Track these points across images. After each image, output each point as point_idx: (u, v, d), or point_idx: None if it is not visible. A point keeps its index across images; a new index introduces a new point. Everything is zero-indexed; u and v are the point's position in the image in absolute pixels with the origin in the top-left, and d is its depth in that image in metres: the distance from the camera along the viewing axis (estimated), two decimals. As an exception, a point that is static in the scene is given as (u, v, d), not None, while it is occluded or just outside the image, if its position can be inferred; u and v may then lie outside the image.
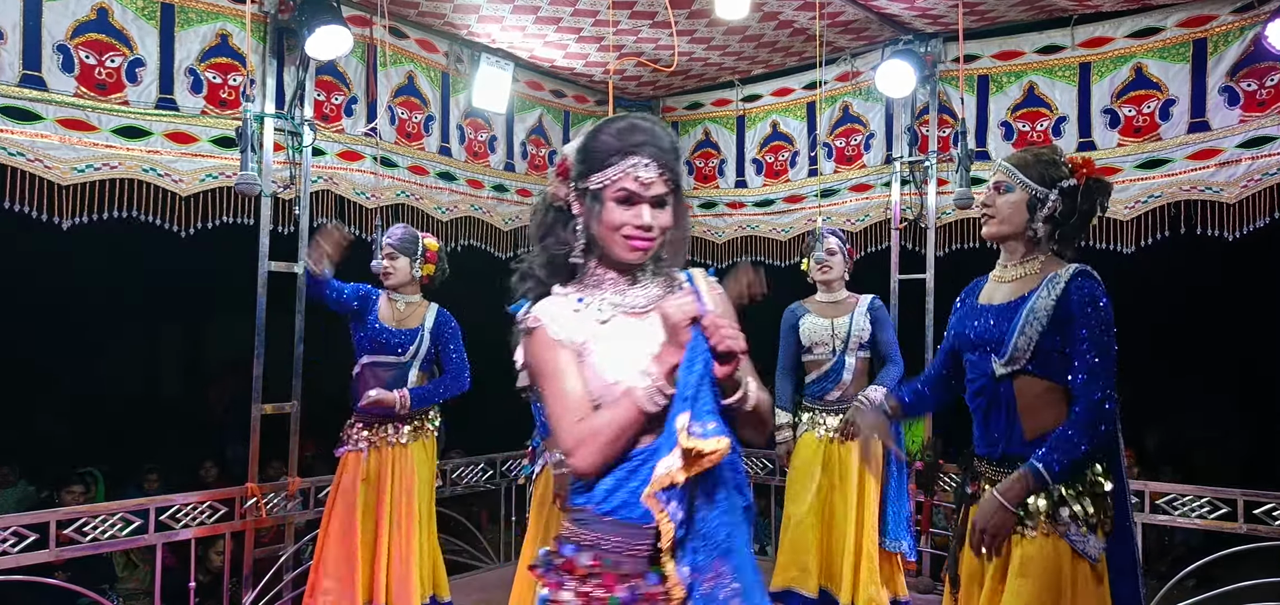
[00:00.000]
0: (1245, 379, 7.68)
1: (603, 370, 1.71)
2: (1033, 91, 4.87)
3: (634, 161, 1.72)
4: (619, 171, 1.72)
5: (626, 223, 1.73)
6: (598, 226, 1.75)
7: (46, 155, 3.69)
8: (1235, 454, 7.51)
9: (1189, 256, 5.03)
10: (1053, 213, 2.39)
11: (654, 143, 1.73)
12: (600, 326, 1.75)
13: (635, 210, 1.73)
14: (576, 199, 1.79)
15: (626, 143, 1.72)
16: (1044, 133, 4.80)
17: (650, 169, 1.72)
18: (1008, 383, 2.38)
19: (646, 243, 1.74)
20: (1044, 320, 2.32)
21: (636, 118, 1.77)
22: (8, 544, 3.60)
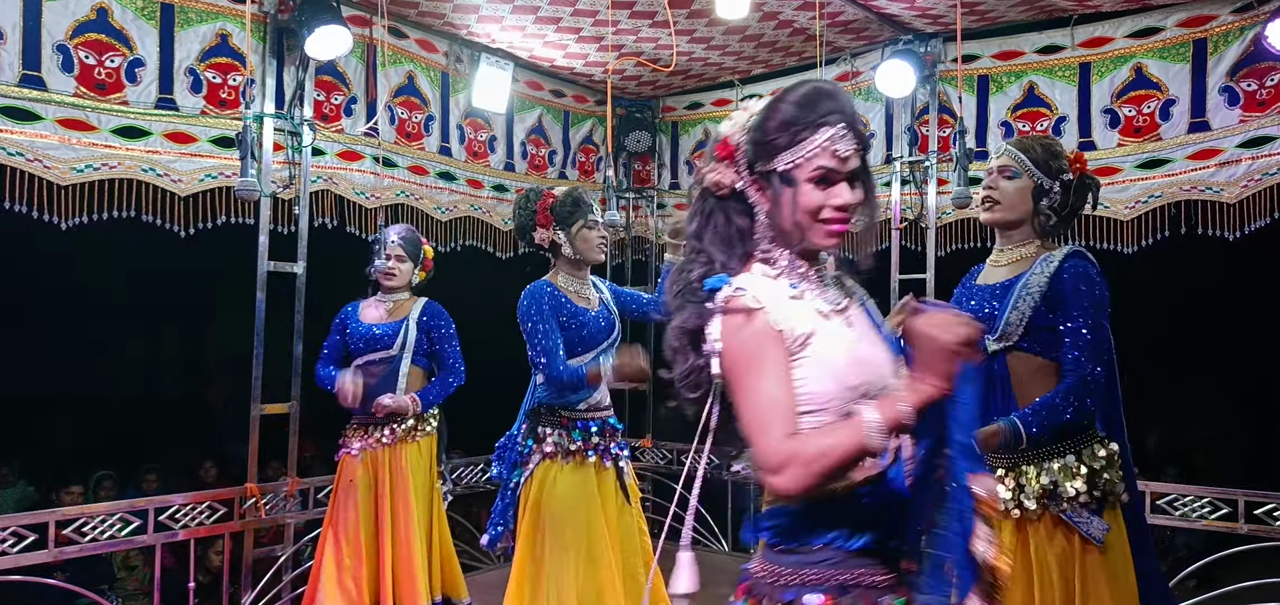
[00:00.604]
0: (1246, 379, 7.67)
1: (831, 375, 1.46)
2: (1033, 91, 4.87)
3: (829, 133, 1.48)
4: (815, 147, 1.48)
5: (825, 205, 1.49)
6: (791, 213, 1.49)
7: (46, 155, 3.68)
8: (1236, 454, 7.51)
9: (1189, 256, 5.02)
10: (1054, 202, 2.45)
11: (844, 109, 1.51)
12: (824, 321, 1.51)
13: (834, 190, 1.49)
14: (754, 185, 1.54)
15: (817, 113, 1.49)
16: (1044, 133, 4.80)
17: (848, 140, 1.49)
18: (1001, 359, 2.42)
19: (844, 226, 1.51)
20: (1037, 297, 2.36)
21: (818, 82, 1.55)
22: (7, 544, 3.59)
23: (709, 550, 5.92)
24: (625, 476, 3.42)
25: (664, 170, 6.30)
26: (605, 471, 3.35)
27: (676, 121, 6.24)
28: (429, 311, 4.03)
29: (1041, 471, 2.34)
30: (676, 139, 6.26)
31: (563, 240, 3.37)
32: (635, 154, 6.16)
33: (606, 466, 3.36)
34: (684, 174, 6.23)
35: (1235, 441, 7.73)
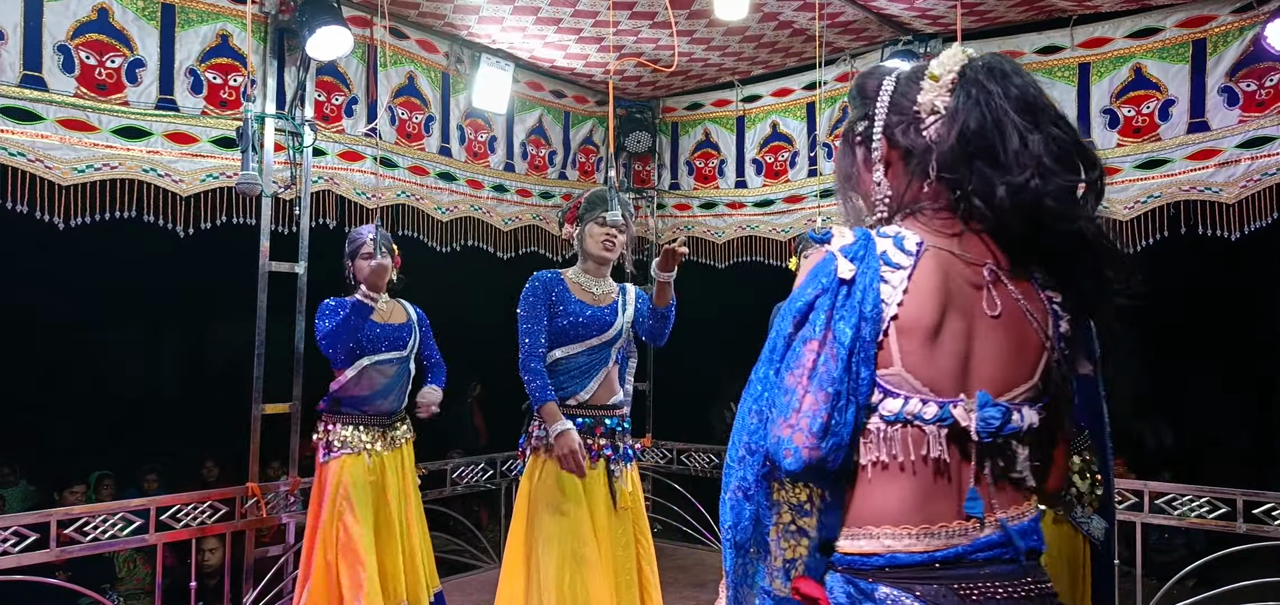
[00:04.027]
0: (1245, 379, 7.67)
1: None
2: (1032, 92, 4.86)
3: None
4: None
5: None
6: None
7: (47, 155, 3.69)
8: (1236, 454, 7.51)
9: (1188, 257, 5.03)
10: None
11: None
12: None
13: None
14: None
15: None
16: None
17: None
18: None
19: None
20: None
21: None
22: (9, 543, 3.60)
23: (709, 550, 5.93)
24: (615, 478, 3.37)
25: (664, 170, 6.30)
26: (594, 470, 3.33)
27: (677, 122, 6.24)
28: (421, 315, 4.09)
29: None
30: (677, 139, 6.27)
31: (577, 233, 3.47)
32: (635, 154, 6.16)
33: (595, 465, 3.33)
34: (684, 174, 6.24)
35: (1236, 441, 7.73)
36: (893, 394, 1.24)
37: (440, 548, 5.36)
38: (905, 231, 1.29)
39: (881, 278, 1.24)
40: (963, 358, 1.27)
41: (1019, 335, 1.29)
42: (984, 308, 1.28)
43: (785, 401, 1.23)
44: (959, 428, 1.24)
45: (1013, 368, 1.29)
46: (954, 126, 1.30)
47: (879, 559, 1.23)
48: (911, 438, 1.25)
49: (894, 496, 1.25)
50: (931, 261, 1.27)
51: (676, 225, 6.22)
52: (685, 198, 6.22)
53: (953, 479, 1.26)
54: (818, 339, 1.23)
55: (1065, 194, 1.26)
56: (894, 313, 1.23)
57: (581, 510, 3.26)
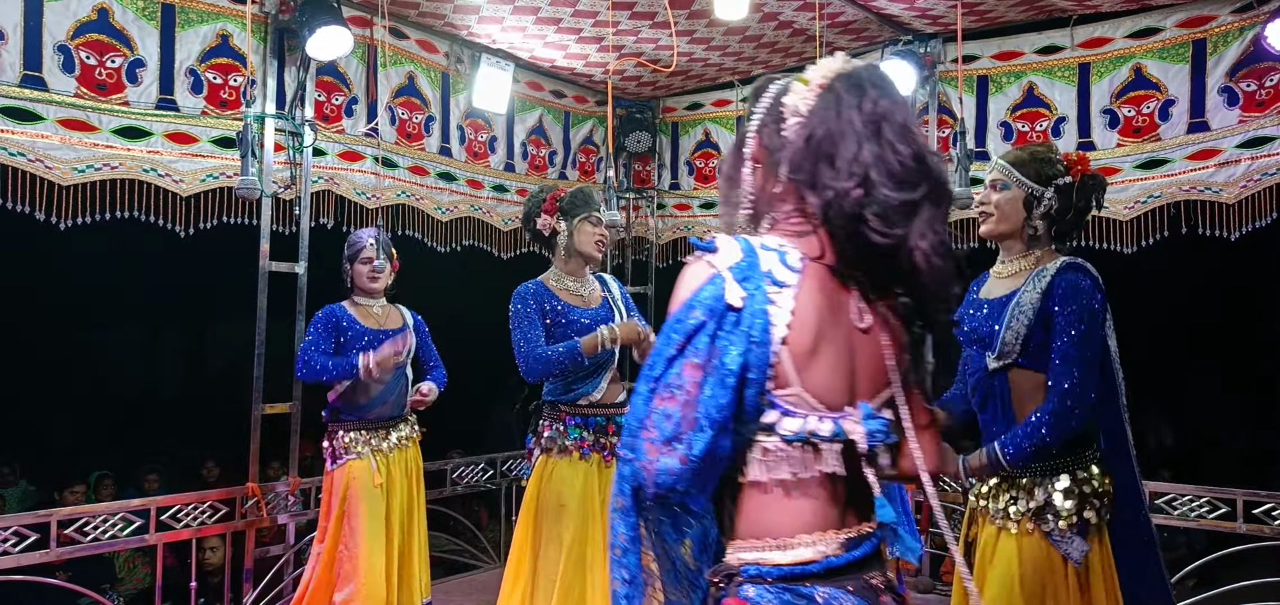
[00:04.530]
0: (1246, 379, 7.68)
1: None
2: (1032, 92, 4.87)
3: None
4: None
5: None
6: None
7: (47, 155, 3.69)
8: (1236, 454, 7.51)
9: (1188, 257, 5.03)
10: (1049, 210, 2.41)
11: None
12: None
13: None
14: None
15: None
16: (1043, 133, 4.80)
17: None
18: (1001, 376, 2.40)
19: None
20: (1031, 314, 2.33)
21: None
22: (9, 543, 3.60)
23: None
24: None
25: (664, 171, 6.30)
26: (607, 470, 3.32)
27: (677, 122, 6.24)
28: (417, 318, 4.08)
29: (1035, 488, 2.34)
30: (677, 139, 6.27)
31: (562, 230, 3.39)
32: (635, 154, 6.16)
33: (608, 464, 3.33)
34: (684, 174, 6.24)
35: (1236, 441, 7.74)
36: (792, 414, 1.29)
37: (440, 547, 5.37)
38: (786, 245, 1.33)
39: (769, 300, 1.27)
40: (846, 372, 1.34)
41: (881, 344, 1.37)
42: (854, 319, 1.35)
43: (667, 425, 1.25)
44: (849, 440, 1.32)
45: (880, 376, 1.37)
46: (805, 130, 1.34)
47: (816, 565, 1.29)
48: (810, 455, 1.31)
49: (806, 509, 1.31)
50: (814, 279, 1.32)
51: (676, 225, 6.22)
52: (685, 198, 6.22)
53: (851, 485, 1.34)
54: (701, 362, 1.25)
55: (889, 208, 1.28)
56: (784, 335, 1.27)
57: (587, 511, 3.25)
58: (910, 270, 1.31)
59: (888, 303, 1.38)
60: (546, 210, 3.41)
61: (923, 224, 1.30)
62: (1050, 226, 2.43)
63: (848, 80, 1.36)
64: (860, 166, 1.29)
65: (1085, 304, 2.28)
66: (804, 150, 1.34)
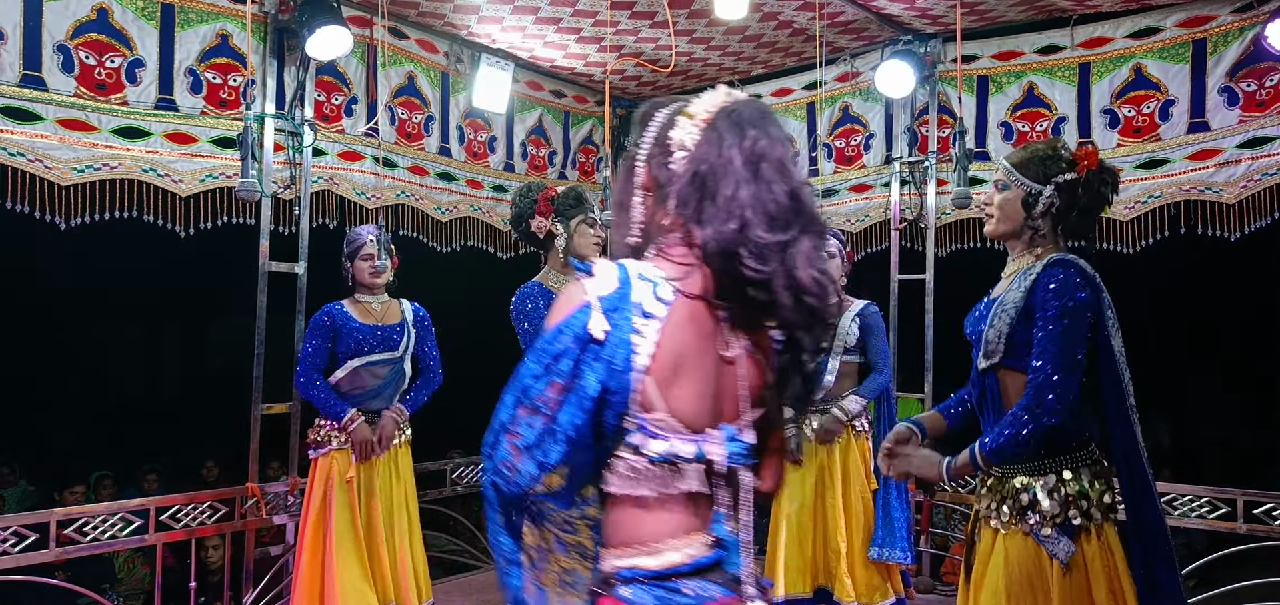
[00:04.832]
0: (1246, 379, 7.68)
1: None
2: (1032, 92, 4.87)
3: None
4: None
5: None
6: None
7: (47, 155, 3.69)
8: (1236, 454, 7.51)
9: (1189, 257, 5.03)
10: (1050, 208, 2.38)
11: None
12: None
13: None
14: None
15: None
16: (1043, 133, 4.80)
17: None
18: (991, 376, 2.40)
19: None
20: (1013, 313, 2.32)
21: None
22: (9, 544, 3.60)
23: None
24: None
25: (664, 170, 6.29)
26: None
27: (676, 122, 6.23)
28: (418, 312, 4.02)
29: (1022, 490, 2.33)
30: (676, 139, 6.25)
31: (560, 231, 3.36)
32: (635, 154, 6.15)
33: None
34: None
35: (1235, 441, 7.74)
36: (658, 436, 1.38)
37: (440, 547, 5.37)
38: (661, 276, 1.41)
39: (635, 330, 1.36)
40: (710, 397, 1.42)
41: (746, 371, 1.45)
42: (720, 348, 1.43)
43: (530, 434, 1.35)
44: (709, 462, 1.41)
45: (743, 401, 1.45)
46: (691, 166, 1.42)
47: (685, 565, 1.40)
48: (673, 473, 1.40)
49: (672, 519, 1.41)
50: (683, 310, 1.39)
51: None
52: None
53: (702, 500, 1.44)
54: (563, 384, 1.35)
55: (762, 247, 1.36)
56: (647, 364, 1.36)
57: None
58: (781, 305, 1.39)
59: (756, 335, 1.46)
60: (541, 212, 3.38)
61: (798, 260, 1.38)
62: (1054, 225, 2.40)
63: (729, 117, 1.44)
64: (738, 205, 1.37)
65: (1064, 299, 2.25)
66: (689, 185, 1.41)
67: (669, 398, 1.38)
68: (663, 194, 1.45)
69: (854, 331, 4.11)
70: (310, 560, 3.75)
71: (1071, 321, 2.24)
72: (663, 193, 1.45)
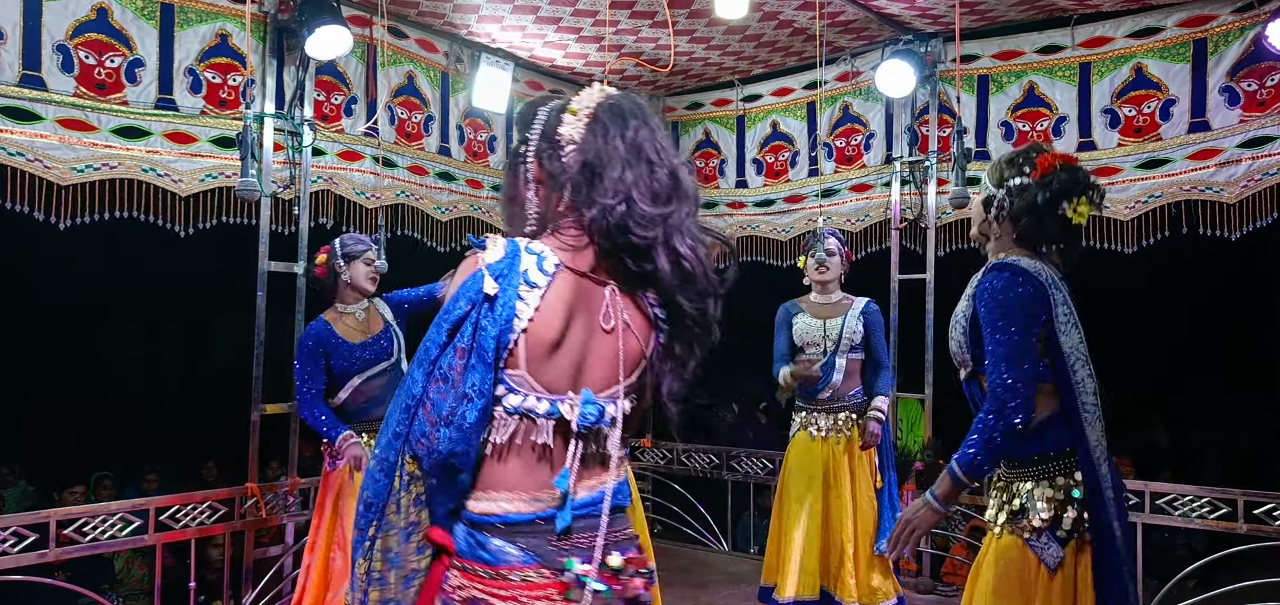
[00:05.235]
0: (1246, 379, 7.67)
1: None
2: (1033, 91, 4.87)
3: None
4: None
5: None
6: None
7: (46, 155, 3.69)
8: (1236, 454, 7.51)
9: (1189, 256, 5.03)
10: (1000, 212, 2.36)
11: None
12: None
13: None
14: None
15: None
16: (1044, 133, 4.80)
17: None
18: (974, 383, 2.40)
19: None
20: (965, 323, 2.34)
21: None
22: (8, 544, 3.60)
23: (709, 550, 5.92)
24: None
25: (664, 170, 6.29)
26: None
27: (677, 121, 6.24)
28: (392, 301, 3.96)
29: (1015, 494, 2.33)
30: (677, 139, 6.26)
31: None
32: (635, 154, 6.15)
33: None
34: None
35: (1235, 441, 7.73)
36: (515, 391, 1.53)
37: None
38: (547, 251, 1.56)
39: (519, 295, 1.51)
40: (577, 363, 1.57)
41: (625, 344, 1.59)
42: (600, 320, 1.58)
43: (444, 403, 1.49)
44: (564, 419, 1.55)
45: (615, 370, 1.59)
46: (580, 156, 1.58)
47: (495, 517, 1.54)
48: (526, 427, 1.54)
49: (511, 471, 1.55)
50: (563, 282, 1.55)
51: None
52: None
53: (557, 457, 1.56)
54: (465, 348, 1.50)
55: (647, 219, 1.54)
56: (525, 326, 1.51)
57: None
58: (661, 269, 1.56)
59: (638, 312, 1.61)
60: None
61: (677, 230, 1.56)
62: (1011, 230, 2.35)
63: (611, 110, 1.61)
64: (624, 186, 1.54)
65: (996, 298, 2.24)
66: (580, 174, 1.57)
67: (535, 359, 1.53)
68: (556, 184, 1.59)
69: (859, 329, 4.12)
70: (319, 571, 3.72)
71: (1009, 317, 2.23)
72: (556, 183, 1.59)
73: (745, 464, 5.88)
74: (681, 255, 1.56)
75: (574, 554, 1.54)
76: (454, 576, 1.53)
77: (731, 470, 5.91)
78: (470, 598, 1.51)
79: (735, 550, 5.93)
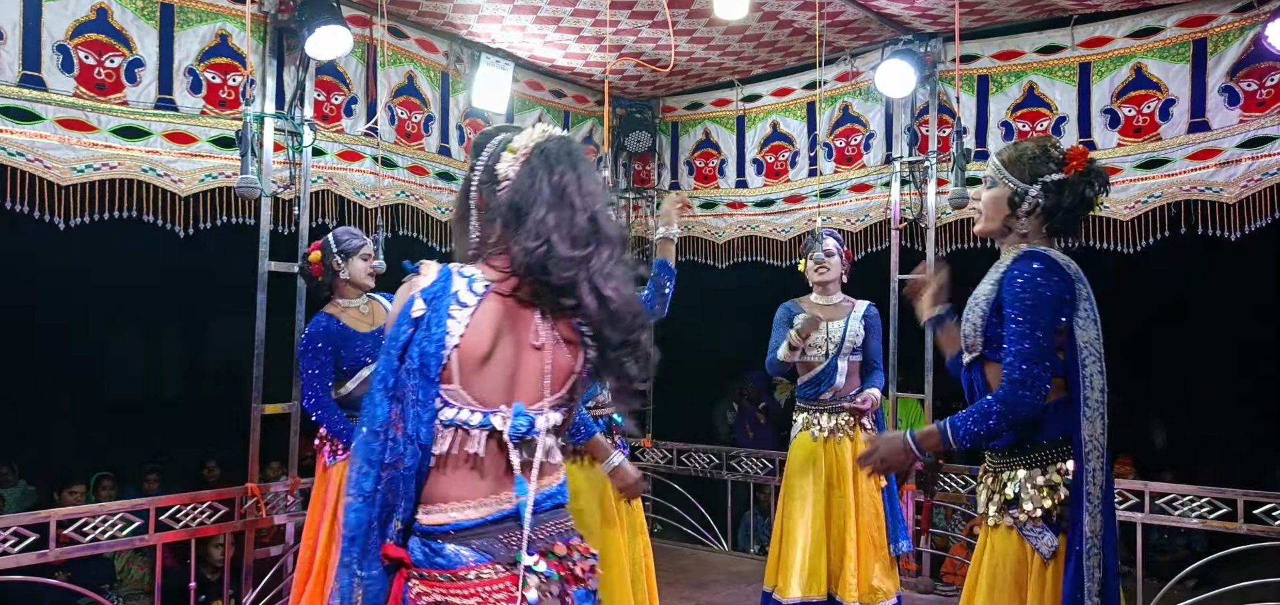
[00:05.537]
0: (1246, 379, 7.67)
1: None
2: (1032, 91, 4.87)
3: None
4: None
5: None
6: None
7: (46, 155, 3.69)
8: (1236, 454, 7.51)
9: (1189, 257, 5.03)
10: (1034, 207, 2.36)
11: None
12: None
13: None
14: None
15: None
16: (1044, 133, 4.80)
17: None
18: (977, 368, 2.41)
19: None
20: (985, 306, 2.34)
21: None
22: (8, 544, 3.60)
23: (710, 550, 5.92)
24: None
25: (664, 170, 6.30)
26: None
27: (676, 121, 6.24)
28: (390, 298, 3.97)
29: (1008, 483, 2.34)
30: (676, 139, 6.26)
31: None
32: (635, 154, 6.16)
33: None
34: (684, 174, 6.24)
35: (1235, 441, 7.74)
36: (450, 405, 1.65)
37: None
38: (479, 274, 1.70)
39: (450, 314, 1.64)
40: (509, 377, 1.69)
41: (553, 360, 1.72)
42: (530, 338, 1.70)
43: (410, 423, 1.63)
44: (496, 430, 1.66)
45: (545, 384, 1.71)
46: (510, 195, 1.71)
47: (447, 526, 1.65)
48: (462, 437, 1.66)
49: (455, 482, 1.67)
50: (492, 303, 1.67)
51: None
52: (685, 198, 6.22)
53: (495, 465, 1.69)
54: (414, 367, 1.63)
55: (564, 261, 1.65)
56: (456, 343, 1.63)
57: (597, 513, 3.24)
58: (586, 305, 1.67)
59: (567, 329, 1.73)
60: None
61: (595, 272, 1.67)
62: (1041, 224, 2.38)
63: (542, 154, 1.72)
64: (546, 228, 1.66)
65: (1028, 290, 2.25)
66: (509, 210, 1.70)
67: (467, 374, 1.65)
68: (490, 215, 1.74)
69: (861, 332, 4.13)
70: (322, 572, 3.72)
71: (1038, 312, 2.24)
72: (490, 214, 1.74)
73: (745, 464, 5.88)
74: (605, 296, 1.67)
75: (522, 548, 1.68)
76: (415, 586, 1.64)
77: (731, 470, 5.91)
78: (433, 603, 1.63)
79: (735, 550, 5.94)
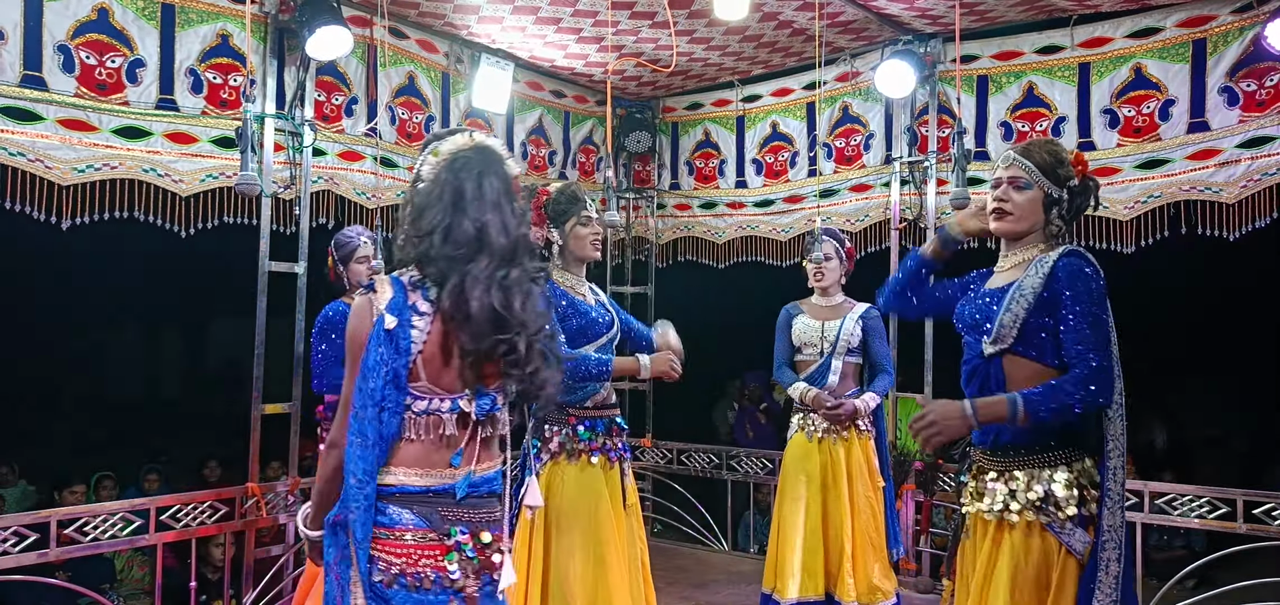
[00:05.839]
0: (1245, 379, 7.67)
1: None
2: (1032, 92, 4.87)
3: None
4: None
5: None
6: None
7: (47, 155, 3.69)
8: (1236, 454, 7.51)
9: (1189, 257, 5.03)
10: (1063, 211, 2.45)
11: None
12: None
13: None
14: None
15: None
16: (1043, 133, 4.80)
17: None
18: (997, 362, 2.41)
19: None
20: (1031, 299, 2.35)
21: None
22: (9, 543, 3.60)
23: (710, 550, 5.93)
24: (626, 478, 3.37)
25: (664, 170, 6.31)
26: (612, 471, 3.30)
27: (677, 122, 6.24)
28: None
29: (1034, 480, 2.34)
30: (677, 139, 6.27)
31: (556, 238, 3.30)
32: (635, 154, 6.16)
33: (613, 465, 3.31)
34: (684, 174, 6.24)
35: (1235, 441, 7.74)
36: (421, 398, 1.90)
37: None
38: (429, 282, 1.89)
39: (412, 325, 1.87)
40: (466, 366, 1.91)
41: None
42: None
43: (393, 426, 1.88)
44: (464, 412, 1.93)
45: (487, 369, 1.93)
46: (419, 194, 1.92)
47: (395, 488, 1.90)
48: (432, 421, 1.91)
49: (414, 451, 1.91)
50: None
51: (677, 225, 6.22)
52: (685, 198, 6.23)
53: (452, 444, 1.94)
54: (389, 378, 1.84)
55: (443, 261, 1.86)
56: (420, 349, 1.87)
57: (599, 513, 3.22)
58: (470, 314, 1.85)
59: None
60: (535, 222, 3.28)
61: (469, 277, 1.85)
62: (1068, 224, 2.49)
63: (454, 161, 1.91)
64: (432, 225, 1.86)
65: (1095, 288, 2.32)
66: (415, 209, 1.92)
67: (432, 369, 1.89)
68: (412, 212, 1.94)
69: (857, 333, 4.12)
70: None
71: (1101, 308, 2.32)
72: (412, 211, 1.94)
73: (745, 464, 5.89)
74: (467, 300, 1.83)
75: (457, 524, 1.92)
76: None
77: (731, 470, 5.92)
78: (372, 556, 1.86)
79: (735, 550, 5.94)
